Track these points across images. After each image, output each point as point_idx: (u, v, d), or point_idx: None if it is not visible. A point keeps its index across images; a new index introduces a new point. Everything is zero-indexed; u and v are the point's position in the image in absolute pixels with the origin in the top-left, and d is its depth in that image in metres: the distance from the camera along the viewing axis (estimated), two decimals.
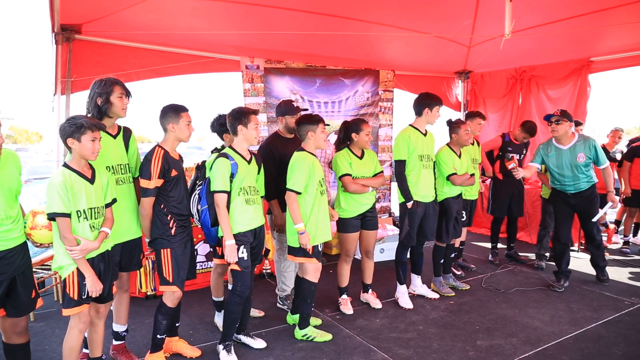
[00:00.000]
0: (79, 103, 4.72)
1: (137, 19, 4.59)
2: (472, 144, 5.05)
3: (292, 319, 3.84)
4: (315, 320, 3.82)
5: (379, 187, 4.19)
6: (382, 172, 4.10)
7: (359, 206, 3.98)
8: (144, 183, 2.92)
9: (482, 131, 7.13)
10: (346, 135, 4.01)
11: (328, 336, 3.59)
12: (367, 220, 4.06)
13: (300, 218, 3.41)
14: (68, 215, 2.50)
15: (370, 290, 4.31)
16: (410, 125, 4.20)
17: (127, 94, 2.97)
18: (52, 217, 2.50)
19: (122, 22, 4.57)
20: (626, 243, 6.24)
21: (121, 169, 2.98)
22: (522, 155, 5.50)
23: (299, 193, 3.41)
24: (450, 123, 4.56)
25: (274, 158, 3.85)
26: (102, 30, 4.67)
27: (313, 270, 3.55)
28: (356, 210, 3.97)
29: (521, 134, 5.42)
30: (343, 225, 4.01)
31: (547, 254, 5.50)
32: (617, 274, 5.15)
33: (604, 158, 4.52)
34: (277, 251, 4.16)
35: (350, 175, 3.91)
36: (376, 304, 4.23)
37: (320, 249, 3.58)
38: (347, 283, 4.17)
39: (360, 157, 4.01)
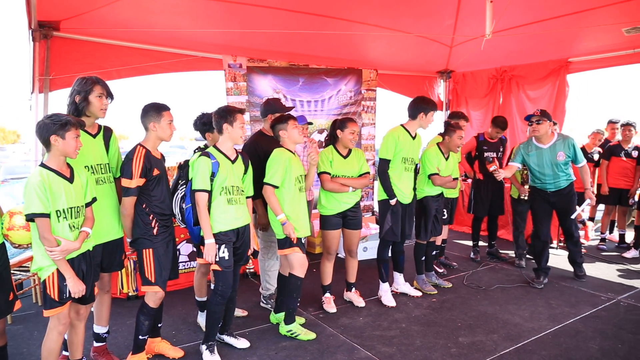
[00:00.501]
0: (58, 101, 4.66)
1: (117, 16, 4.52)
2: None
3: (276, 317, 3.84)
4: (298, 319, 3.82)
5: (362, 188, 4.17)
6: (368, 172, 4.10)
7: (339, 204, 4.00)
8: (125, 182, 2.89)
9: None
10: (332, 132, 4.04)
11: (312, 335, 3.59)
12: (349, 220, 4.07)
13: (281, 209, 3.46)
14: (47, 216, 2.46)
15: (353, 289, 4.33)
16: (402, 125, 4.20)
17: (108, 94, 2.93)
18: (30, 217, 2.45)
19: (101, 19, 4.50)
20: (602, 240, 6.39)
21: (101, 168, 2.94)
22: (500, 153, 5.57)
23: (275, 187, 3.46)
24: (447, 124, 4.59)
25: (259, 157, 3.82)
26: (81, 28, 4.59)
27: (299, 265, 3.56)
28: (336, 208, 4.00)
29: (493, 130, 5.51)
30: (323, 223, 4.07)
31: (526, 251, 5.59)
32: (594, 270, 5.27)
33: (582, 157, 4.62)
34: (262, 250, 4.15)
35: (328, 173, 3.94)
36: (359, 302, 4.25)
37: (303, 242, 3.61)
38: (330, 281, 4.18)
39: (345, 157, 4.02)
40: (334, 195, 3.97)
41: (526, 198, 5.19)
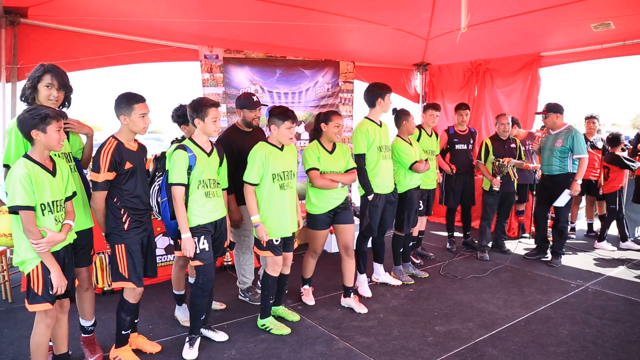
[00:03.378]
0: None
1: (89, 3, 4.41)
2: (430, 135, 5.16)
3: (273, 311, 3.81)
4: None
5: (351, 183, 4.01)
6: (354, 168, 3.95)
7: (329, 202, 3.82)
8: (93, 176, 2.81)
9: (441, 123, 7.36)
10: (316, 126, 3.88)
11: (286, 330, 3.56)
12: (341, 215, 3.90)
13: (256, 210, 3.38)
14: (32, 209, 2.40)
15: (352, 294, 4.07)
16: (366, 117, 4.20)
17: (61, 86, 2.78)
18: (14, 210, 2.38)
19: (72, 6, 4.36)
20: (572, 229, 6.59)
21: (64, 158, 2.84)
22: (471, 145, 5.68)
23: (254, 185, 3.37)
24: (397, 111, 4.55)
25: (232, 152, 3.77)
26: (50, 15, 4.44)
27: (271, 264, 3.52)
28: (326, 206, 3.82)
29: (457, 116, 5.65)
30: (313, 222, 3.88)
31: (490, 244, 5.73)
32: (564, 258, 5.42)
33: (579, 150, 4.93)
34: (236, 244, 4.12)
35: (317, 169, 3.75)
36: (361, 309, 3.96)
37: (276, 243, 3.48)
38: (311, 275, 4.16)
39: (331, 152, 3.85)
40: (323, 192, 3.79)
41: (498, 190, 5.32)
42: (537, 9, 5.21)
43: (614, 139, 5.94)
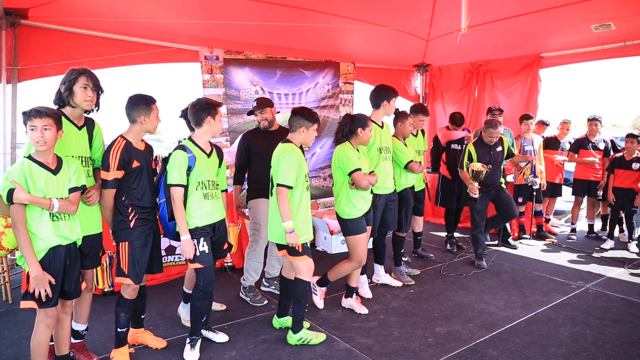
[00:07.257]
0: (27, 92, 4.52)
1: (89, 4, 4.41)
2: (416, 135, 5.08)
3: (279, 322, 3.66)
4: (304, 323, 3.65)
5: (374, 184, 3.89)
6: (373, 170, 3.94)
7: (366, 202, 3.77)
8: (103, 175, 2.87)
9: (440, 122, 7.39)
10: (351, 129, 3.72)
11: (322, 336, 3.44)
12: (368, 217, 3.89)
13: (290, 215, 3.20)
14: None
15: (354, 295, 4.07)
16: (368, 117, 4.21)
17: (95, 86, 2.85)
18: (9, 197, 2.40)
19: (72, 7, 4.37)
20: (573, 230, 6.58)
21: (82, 161, 2.87)
22: (465, 146, 5.67)
23: (290, 187, 3.22)
24: (397, 113, 4.49)
25: (247, 147, 4.07)
26: (50, 16, 4.45)
27: (307, 269, 3.34)
28: (364, 207, 3.76)
29: (451, 126, 5.50)
30: (354, 227, 3.73)
31: (485, 251, 5.66)
32: (565, 259, 5.44)
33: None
34: (251, 237, 4.15)
35: (361, 170, 3.65)
36: (362, 310, 3.96)
37: (308, 245, 3.38)
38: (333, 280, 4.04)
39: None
40: (361, 194, 3.72)
41: (475, 197, 4.90)
42: (537, 10, 5.21)
43: None
